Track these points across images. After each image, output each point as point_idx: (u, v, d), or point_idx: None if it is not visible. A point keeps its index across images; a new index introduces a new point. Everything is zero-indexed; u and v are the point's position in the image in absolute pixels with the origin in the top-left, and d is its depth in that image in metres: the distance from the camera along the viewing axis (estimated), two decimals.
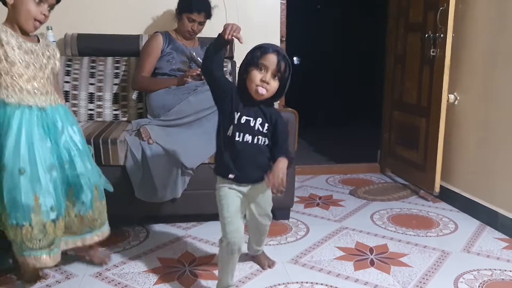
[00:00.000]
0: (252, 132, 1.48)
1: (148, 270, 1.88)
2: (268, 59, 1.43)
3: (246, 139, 1.48)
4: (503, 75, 2.31)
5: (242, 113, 1.48)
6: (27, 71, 1.57)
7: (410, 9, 3.00)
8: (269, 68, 1.43)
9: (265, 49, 1.45)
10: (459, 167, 2.70)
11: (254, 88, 1.45)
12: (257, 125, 1.49)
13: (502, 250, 2.12)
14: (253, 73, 1.44)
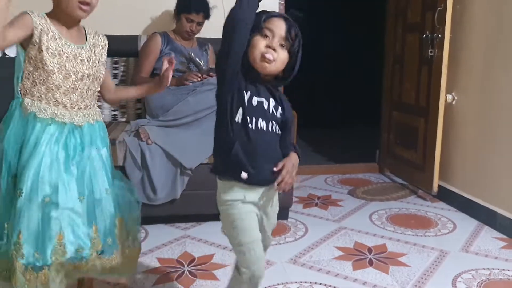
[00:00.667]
0: (266, 116, 1.19)
1: (147, 271, 1.88)
2: (275, 23, 1.17)
3: (260, 126, 1.18)
4: (501, 75, 2.32)
5: (253, 93, 1.18)
6: (67, 82, 1.33)
7: (408, 9, 3.01)
8: (276, 33, 1.17)
9: (271, 13, 1.20)
10: (458, 167, 2.70)
11: (258, 56, 1.16)
12: (271, 108, 1.20)
13: (501, 249, 2.13)
14: (256, 39, 1.16)
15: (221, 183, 1.24)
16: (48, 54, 1.29)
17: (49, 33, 1.30)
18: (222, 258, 2.00)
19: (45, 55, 1.29)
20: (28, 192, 1.25)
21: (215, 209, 2.44)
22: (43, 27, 1.29)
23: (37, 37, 1.28)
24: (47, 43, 1.29)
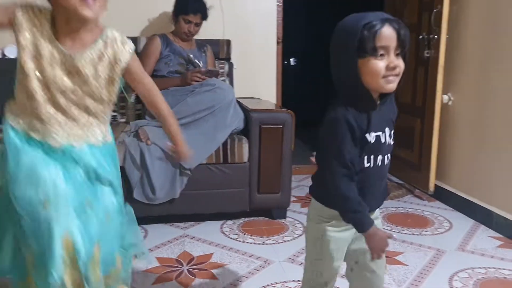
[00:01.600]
0: (383, 150, 1.08)
1: (146, 270, 1.89)
2: (386, 37, 0.97)
3: (377, 162, 1.08)
4: (496, 76, 2.34)
5: (373, 129, 1.05)
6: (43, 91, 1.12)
7: (405, 10, 3.04)
8: (390, 48, 0.98)
9: (374, 24, 0.96)
10: (454, 166, 2.73)
11: (380, 84, 1.00)
12: (387, 139, 1.09)
13: (497, 248, 2.15)
14: (371, 64, 0.98)
15: (320, 205, 1.14)
16: (24, 55, 1.10)
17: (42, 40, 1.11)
18: (220, 257, 2.02)
19: (21, 56, 1.10)
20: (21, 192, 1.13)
21: (213, 208, 2.47)
22: (27, 25, 1.10)
23: (15, 34, 1.10)
24: (24, 42, 1.10)
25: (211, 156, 2.26)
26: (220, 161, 2.28)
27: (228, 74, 2.85)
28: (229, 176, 2.30)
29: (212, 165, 2.28)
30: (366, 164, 1.06)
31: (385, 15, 0.99)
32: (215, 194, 2.33)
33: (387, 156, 1.09)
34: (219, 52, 2.85)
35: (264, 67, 3.09)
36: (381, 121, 1.07)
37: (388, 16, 0.99)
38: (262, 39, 3.07)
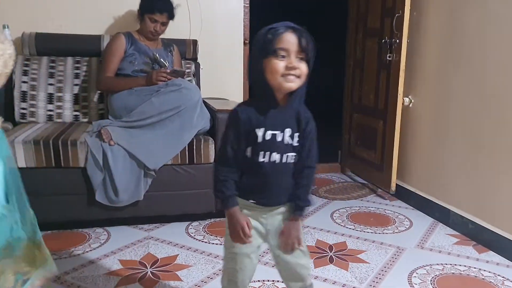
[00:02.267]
0: (280, 149, 1.16)
1: (108, 273, 1.86)
2: (286, 40, 1.09)
3: (272, 159, 1.15)
4: (453, 79, 2.44)
5: (267, 128, 1.14)
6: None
7: (368, 15, 3.11)
8: (291, 49, 1.09)
9: (277, 30, 1.10)
10: (414, 166, 2.82)
11: (279, 81, 1.10)
12: (285, 138, 1.16)
13: (453, 245, 2.24)
14: (272, 63, 1.09)
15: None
16: None
17: None
18: (185, 259, 2.00)
19: None
20: None
21: (178, 210, 2.46)
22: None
23: None
24: None
25: (177, 157, 2.24)
26: (185, 162, 2.27)
27: (194, 74, 2.83)
28: (194, 177, 2.28)
29: (178, 166, 2.26)
30: (260, 158, 1.15)
31: (292, 24, 1.12)
32: (180, 195, 2.31)
33: (286, 155, 1.16)
34: (186, 52, 2.83)
35: (231, 67, 3.09)
36: (281, 121, 1.15)
37: (294, 26, 1.12)
38: (229, 40, 3.07)
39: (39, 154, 2.08)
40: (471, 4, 2.30)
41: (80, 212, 2.21)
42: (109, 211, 2.19)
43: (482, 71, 2.23)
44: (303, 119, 1.17)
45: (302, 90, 1.15)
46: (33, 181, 2.10)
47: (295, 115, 1.17)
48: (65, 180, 2.15)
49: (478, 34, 2.25)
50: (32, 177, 2.11)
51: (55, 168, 2.12)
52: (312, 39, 1.12)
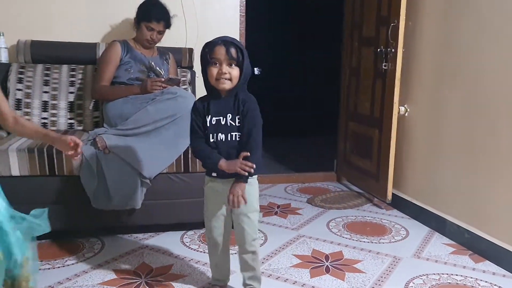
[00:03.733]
0: (224, 130, 1.53)
1: (103, 283, 1.84)
2: (216, 51, 1.46)
3: (219, 138, 1.53)
4: (448, 89, 2.45)
5: (212, 115, 1.53)
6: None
7: (364, 24, 3.12)
8: (221, 59, 1.46)
9: (211, 44, 1.48)
10: (410, 176, 2.82)
11: (214, 83, 1.49)
12: (228, 121, 1.53)
13: (449, 255, 2.23)
14: (209, 70, 1.48)
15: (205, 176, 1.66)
16: None
17: None
18: (180, 268, 1.98)
19: None
20: None
21: (173, 218, 2.44)
22: None
23: None
24: None
25: (172, 165, 2.23)
26: (180, 170, 2.25)
27: (190, 82, 2.83)
28: (190, 186, 2.27)
29: (173, 174, 2.25)
30: (211, 139, 1.54)
31: (224, 38, 1.48)
32: (175, 204, 2.29)
33: (230, 134, 1.53)
34: (182, 60, 2.83)
35: None
36: (223, 108, 1.53)
37: (225, 39, 1.48)
38: None
39: (33, 162, 2.06)
40: (466, 13, 2.32)
41: (74, 221, 2.19)
42: (103, 220, 2.17)
43: (478, 80, 2.24)
44: (241, 103, 1.51)
45: (240, 85, 1.51)
46: (27, 190, 2.09)
47: (235, 102, 1.52)
48: (59, 189, 2.13)
49: (473, 43, 2.27)
50: (26, 185, 2.09)
51: (49, 176, 2.10)
52: (242, 48, 1.48)
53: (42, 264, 1.98)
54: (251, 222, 1.62)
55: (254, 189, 1.61)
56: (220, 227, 1.65)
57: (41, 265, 1.97)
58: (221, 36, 1.51)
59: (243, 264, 1.69)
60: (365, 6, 3.09)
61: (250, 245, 1.63)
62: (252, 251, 1.65)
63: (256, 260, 1.68)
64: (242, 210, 1.59)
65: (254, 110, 1.53)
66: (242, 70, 1.49)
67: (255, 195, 1.62)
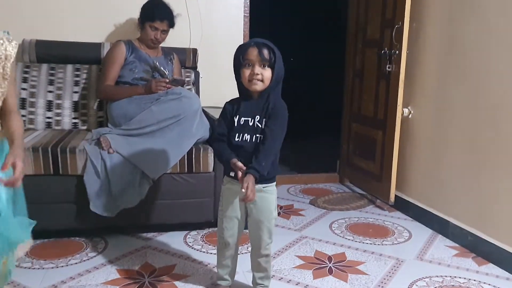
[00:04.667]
0: (250, 131, 1.53)
1: (106, 282, 1.84)
2: (249, 53, 1.48)
3: (244, 138, 1.53)
4: (452, 90, 2.45)
5: (241, 115, 1.55)
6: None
7: (368, 26, 3.12)
8: (254, 60, 1.48)
9: (244, 46, 1.51)
10: (413, 177, 2.82)
11: (247, 84, 1.51)
12: (255, 123, 1.53)
13: (453, 257, 2.23)
14: (242, 72, 1.51)
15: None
16: None
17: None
18: (183, 268, 1.99)
19: None
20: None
21: (177, 218, 2.45)
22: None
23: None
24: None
25: (176, 165, 2.23)
26: (184, 171, 2.26)
27: (194, 83, 2.83)
28: (193, 186, 2.27)
29: (177, 175, 2.25)
30: (236, 138, 1.54)
31: (256, 40, 1.50)
32: (179, 204, 2.29)
33: (255, 135, 1.53)
34: (186, 61, 2.83)
35: (230, 76, 3.06)
36: (253, 109, 1.54)
37: (258, 41, 1.50)
38: (228, 49, 3.04)
39: (38, 161, 2.07)
40: (471, 15, 2.31)
41: (78, 220, 2.19)
42: (106, 220, 2.17)
43: (482, 81, 2.24)
44: (270, 106, 1.52)
45: (272, 86, 1.52)
46: (31, 189, 2.08)
47: (266, 104, 1.53)
48: (63, 188, 2.13)
49: (478, 45, 2.27)
50: (30, 184, 2.08)
51: (53, 175, 2.11)
52: (274, 50, 1.49)
53: (46, 263, 1.99)
54: (268, 229, 1.63)
55: (273, 196, 1.62)
56: (232, 228, 1.65)
57: (44, 264, 1.98)
58: (254, 38, 1.54)
59: (256, 266, 1.71)
60: (370, 8, 3.09)
61: (264, 249, 1.65)
62: (265, 254, 1.66)
63: (269, 262, 1.70)
64: (261, 218, 1.60)
65: (281, 117, 1.53)
66: (274, 71, 1.50)
67: (274, 203, 1.63)
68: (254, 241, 1.66)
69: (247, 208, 1.63)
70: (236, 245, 1.70)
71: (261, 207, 1.59)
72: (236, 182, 1.56)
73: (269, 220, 1.62)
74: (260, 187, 1.55)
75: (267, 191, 1.59)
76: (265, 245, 1.64)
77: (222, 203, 1.66)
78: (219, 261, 1.75)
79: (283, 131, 1.54)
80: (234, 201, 1.62)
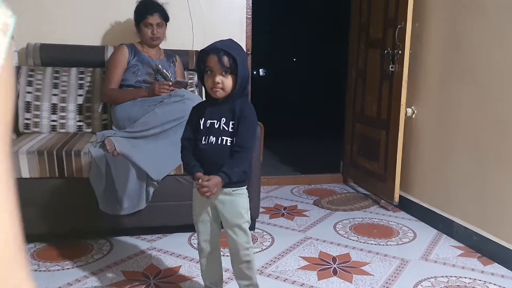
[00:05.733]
0: (216, 133, 1.49)
1: (111, 284, 1.85)
2: (210, 61, 1.42)
3: (210, 141, 1.49)
4: (456, 90, 2.44)
5: (206, 118, 1.51)
6: None
7: (370, 26, 3.12)
8: (214, 68, 1.42)
9: (204, 52, 1.45)
10: (417, 177, 2.81)
11: (210, 90, 1.47)
12: (221, 125, 1.49)
13: (458, 257, 2.22)
14: (205, 79, 1.46)
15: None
16: None
17: None
18: (188, 270, 1.99)
19: None
20: None
21: (181, 220, 2.45)
22: None
23: None
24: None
25: (179, 167, 2.24)
26: None
27: (197, 84, 2.84)
28: None
29: (180, 176, 2.26)
30: (202, 141, 1.50)
31: (218, 46, 1.43)
32: (183, 205, 2.29)
33: (220, 138, 1.48)
34: (188, 63, 2.84)
35: None
36: (218, 113, 1.49)
37: (218, 46, 1.43)
38: None
39: (43, 164, 2.08)
40: (473, 14, 2.31)
41: (83, 223, 2.21)
42: (111, 222, 2.18)
43: (485, 81, 2.24)
44: (238, 110, 1.47)
45: (236, 92, 1.46)
46: (36, 192, 2.11)
47: (231, 108, 1.48)
48: (69, 191, 2.14)
49: (481, 44, 2.26)
50: (36, 187, 2.11)
51: (59, 178, 2.12)
52: (235, 56, 1.41)
53: (52, 266, 2.00)
54: (243, 232, 1.56)
55: (243, 199, 1.56)
56: (205, 232, 1.60)
57: (50, 267, 1.99)
58: (216, 41, 1.46)
59: (238, 273, 1.64)
60: (372, 8, 3.09)
61: (244, 255, 1.58)
62: (246, 260, 1.59)
63: (252, 268, 1.62)
64: (232, 221, 1.55)
65: (251, 122, 1.49)
66: (237, 77, 1.44)
67: (245, 206, 1.56)
68: (231, 247, 1.60)
69: (220, 213, 1.56)
70: (215, 248, 1.64)
71: (231, 210, 1.54)
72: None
73: (242, 224, 1.55)
74: (229, 190, 1.52)
75: (236, 193, 1.53)
76: (243, 250, 1.57)
77: (194, 207, 1.61)
78: (201, 267, 1.68)
79: (254, 135, 1.53)
80: (204, 204, 1.56)
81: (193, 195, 1.59)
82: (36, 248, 2.18)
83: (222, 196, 1.52)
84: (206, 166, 1.48)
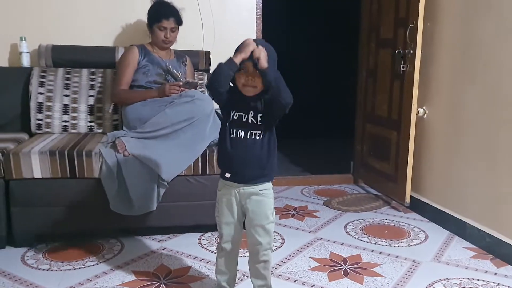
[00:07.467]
0: (244, 127, 1.49)
1: (122, 284, 1.86)
2: (245, 62, 1.44)
3: (239, 135, 1.50)
4: (468, 90, 2.41)
5: (236, 110, 1.51)
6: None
7: (381, 26, 3.10)
8: (249, 69, 1.45)
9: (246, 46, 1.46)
10: (429, 178, 2.79)
11: (241, 87, 1.48)
12: (249, 119, 1.49)
13: (470, 259, 2.20)
14: (238, 75, 1.47)
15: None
16: None
17: None
18: (198, 270, 2.00)
19: None
20: None
21: (191, 220, 2.46)
22: None
23: None
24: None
25: (190, 168, 2.24)
26: (198, 173, 2.27)
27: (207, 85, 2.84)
28: (207, 188, 2.28)
29: (191, 177, 2.26)
30: (230, 135, 1.51)
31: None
32: (193, 206, 2.30)
33: (249, 132, 1.49)
34: (199, 63, 2.85)
35: None
36: (246, 106, 1.50)
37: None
38: None
39: (55, 164, 2.10)
40: (486, 13, 2.28)
41: (94, 223, 2.22)
42: (122, 222, 2.19)
43: (498, 81, 2.21)
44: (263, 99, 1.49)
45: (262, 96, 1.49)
46: (48, 192, 2.13)
47: (260, 100, 1.49)
48: (80, 191, 2.16)
49: (494, 44, 2.23)
50: (48, 187, 2.13)
51: (70, 178, 2.14)
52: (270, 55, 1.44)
53: (63, 265, 2.02)
54: (267, 233, 1.57)
55: (269, 199, 1.56)
56: (229, 235, 1.61)
57: (62, 266, 2.01)
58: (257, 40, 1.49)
59: (254, 272, 1.64)
60: (383, 8, 3.07)
61: (263, 255, 1.59)
62: (264, 260, 1.60)
63: (268, 269, 1.63)
64: (257, 222, 1.55)
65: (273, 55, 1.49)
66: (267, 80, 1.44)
67: (270, 206, 1.57)
68: (252, 246, 1.60)
69: (246, 211, 1.57)
70: (235, 250, 1.65)
71: (258, 211, 1.54)
72: (231, 185, 1.54)
73: (266, 224, 1.55)
74: (257, 190, 1.53)
75: (263, 194, 1.54)
76: (263, 250, 1.58)
77: (218, 209, 1.60)
78: (217, 267, 1.68)
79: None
80: (230, 207, 1.57)
81: (218, 197, 1.60)
82: (47, 248, 2.20)
83: (249, 196, 1.54)
84: (236, 162, 1.50)
